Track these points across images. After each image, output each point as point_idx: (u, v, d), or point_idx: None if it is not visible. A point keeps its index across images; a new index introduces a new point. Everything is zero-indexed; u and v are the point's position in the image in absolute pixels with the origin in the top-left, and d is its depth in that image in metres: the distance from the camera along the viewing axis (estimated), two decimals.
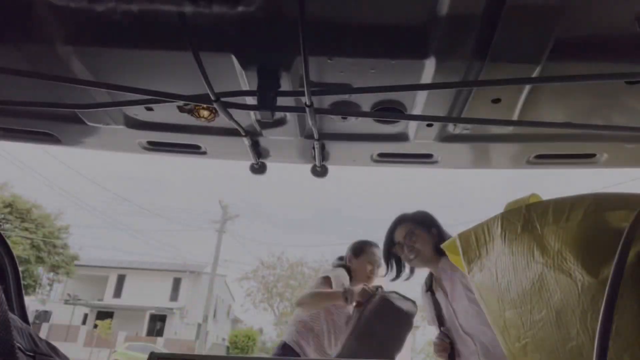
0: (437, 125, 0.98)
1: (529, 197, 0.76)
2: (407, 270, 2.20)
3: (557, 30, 0.70)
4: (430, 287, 2.11)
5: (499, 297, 0.75)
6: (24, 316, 1.20)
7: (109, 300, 25.23)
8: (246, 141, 1.02)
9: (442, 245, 0.93)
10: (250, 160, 1.14)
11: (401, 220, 2.11)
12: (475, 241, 0.80)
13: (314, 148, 1.05)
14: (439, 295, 2.05)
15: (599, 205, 0.62)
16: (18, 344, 0.78)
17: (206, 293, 18.98)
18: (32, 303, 21.40)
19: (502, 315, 0.75)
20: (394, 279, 2.21)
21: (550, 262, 0.64)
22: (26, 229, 20.02)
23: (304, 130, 1.03)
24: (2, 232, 1.25)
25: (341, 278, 2.39)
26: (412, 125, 1.01)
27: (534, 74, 0.77)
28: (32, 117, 1.04)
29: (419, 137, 1.02)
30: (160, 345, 19.62)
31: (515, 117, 0.91)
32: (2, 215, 19.50)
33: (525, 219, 0.69)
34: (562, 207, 0.65)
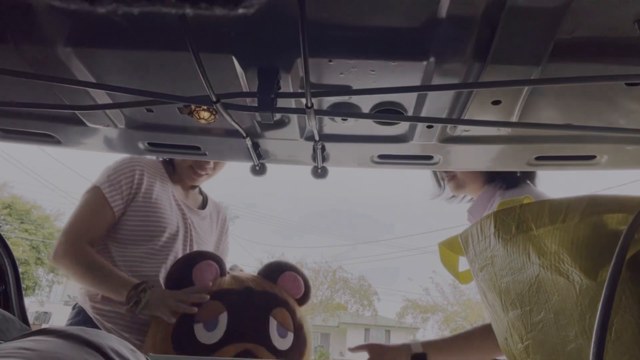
0: (437, 126, 0.98)
1: (522, 198, 0.76)
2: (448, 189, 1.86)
3: (558, 32, 0.70)
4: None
5: (500, 297, 0.75)
6: (23, 317, 1.20)
7: None
8: (246, 143, 1.02)
9: (440, 243, 0.93)
10: (250, 161, 1.14)
11: None
12: (471, 241, 0.81)
13: (314, 149, 1.05)
14: None
15: (595, 207, 0.62)
16: None
17: None
18: (31, 304, 21.38)
19: (506, 316, 0.75)
20: (433, 197, 1.92)
21: (547, 263, 0.64)
22: (26, 230, 20.02)
23: (304, 132, 1.03)
24: (1, 233, 1.25)
25: None
26: (412, 127, 1.01)
27: (534, 76, 0.77)
28: (32, 119, 1.04)
29: (419, 138, 1.02)
30: None
31: (515, 119, 0.91)
32: (2, 217, 19.50)
33: (520, 219, 0.69)
34: (558, 208, 0.65)
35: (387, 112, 0.95)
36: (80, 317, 1.68)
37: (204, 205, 2.01)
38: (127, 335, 1.62)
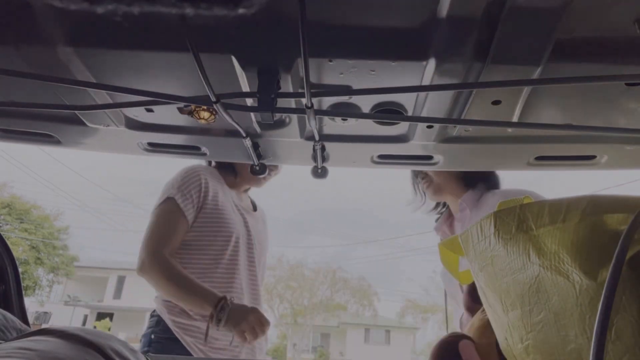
0: (437, 126, 0.98)
1: (522, 198, 0.75)
2: (428, 200, 1.90)
3: (558, 32, 0.71)
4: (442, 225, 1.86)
5: (501, 297, 0.75)
6: (23, 317, 1.20)
7: (109, 301, 25.24)
8: (246, 142, 1.02)
9: (440, 244, 0.93)
10: (250, 161, 1.14)
11: None
12: (471, 241, 0.80)
13: (314, 149, 1.05)
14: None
15: (596, 207, 0.62)
16: None
17: None
18: (31, 304, 21.40)
19: (506, 316, 0.75)
20: (414, 210, 1.97)
21: (547, 263, 0.64)
22: (25, 230, 20.03)
23: (304, 132, 1.03)
24: (1, 233, 1.25)
25: None
26: (412, 127, 1.01)
27: (534, 76, 0.77)
28: (32, 119, 1.05)
29: (419, 138, 1.02)
30: None
31: (515, 119, 0.91)
32: (1, 216, 19.50)
33: (520, 219, 0.69)
34: (559, 208, 0.65)
35: (387, 112, 0.95)
36: (160, 327, 1.69)
37: (254, 207, 2.04)
38: (204, 348, 1.64)
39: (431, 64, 0.79)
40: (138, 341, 1.84)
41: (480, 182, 1.77)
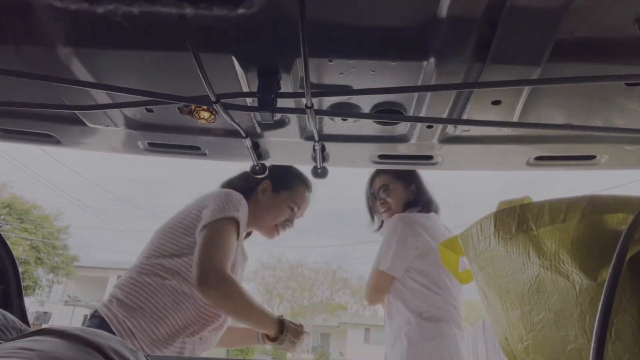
0: (437, 126, 0.98)
1: (522, 198, 0.76)
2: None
3: (558, 32, 0.71)
4: None
5: (500, 297, 0.75)
6: (23, 317, 1.20)
7: None
8: (246, 143, 1.02)
9: (441, 244, 0.93)
10: (250, 161, 1.14)
11: (380, 171, 2.05)
12: (471, 241, 0.81)
13: (314, 149, 1.05)
14: None
15: (596, 207, 0.62)
16: None
17: None
18: (31, 304, 21.40)
19: (506, 316, 0.75)
20: (376, 231, 2.19)
21: (547, 263, 0.64)
22: (25, 230, 20.02)
23: (304, 132, 1.03)
24: (1, 233, 1.25)
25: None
26: (412, 127, 1.01)
27: (534, 76, 0.77)
28: (32, 119, 1.05)
29: (419, 138, 1.02)
30: None
31: (515, 119, 0.91)
32: (1, 216, 19.49)
33: (520, 219, 0.69)
34: (559, 208, 0.65)
35: (387, 112, 0.95)
36: (105, 330, 1.55)
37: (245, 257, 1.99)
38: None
39: (431, 64, 0.79)
40: None
41: (415, 207, 2.02)
